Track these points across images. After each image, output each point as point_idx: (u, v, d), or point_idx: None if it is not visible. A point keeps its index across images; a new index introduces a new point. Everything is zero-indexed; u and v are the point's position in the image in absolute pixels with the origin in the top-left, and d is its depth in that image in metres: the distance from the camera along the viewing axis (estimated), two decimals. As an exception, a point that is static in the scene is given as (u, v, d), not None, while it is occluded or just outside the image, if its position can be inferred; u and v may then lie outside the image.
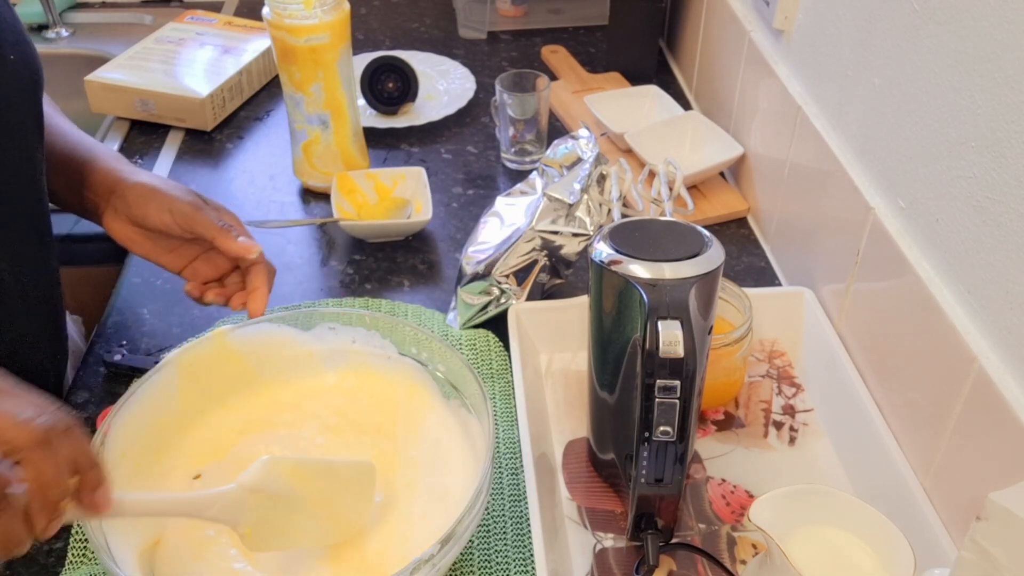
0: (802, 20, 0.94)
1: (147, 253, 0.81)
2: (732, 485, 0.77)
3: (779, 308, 0.89)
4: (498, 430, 0.81)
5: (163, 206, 0.78)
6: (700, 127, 1.15)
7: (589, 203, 0.87)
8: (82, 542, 0.72)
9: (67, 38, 1.49)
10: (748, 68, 1.07)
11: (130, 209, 0.79)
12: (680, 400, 0.61)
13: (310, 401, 0.77)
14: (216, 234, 0.77)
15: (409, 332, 0.76)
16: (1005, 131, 0.61)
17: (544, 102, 1.13)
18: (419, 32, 1.51)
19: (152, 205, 0.78)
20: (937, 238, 0.70)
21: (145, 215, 0.78)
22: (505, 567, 0.71)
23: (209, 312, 0.94)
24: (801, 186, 0.93)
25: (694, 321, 0.61)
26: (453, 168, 1.17)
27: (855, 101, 0.82)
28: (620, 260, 0.65)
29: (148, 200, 0.78)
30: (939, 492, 0.69)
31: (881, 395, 0.77)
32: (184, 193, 0.79)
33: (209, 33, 1.35)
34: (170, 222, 0.78)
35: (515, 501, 0.76)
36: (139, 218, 0.79)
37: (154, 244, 0.81)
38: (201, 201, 0.80)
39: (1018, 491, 0.47)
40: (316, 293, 0.97)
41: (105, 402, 0.84)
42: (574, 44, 1.46)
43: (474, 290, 0.89)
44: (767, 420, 0.83)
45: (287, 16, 0.98)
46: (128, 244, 0.81)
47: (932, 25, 0.69)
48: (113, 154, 0.84)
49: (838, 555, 0.62)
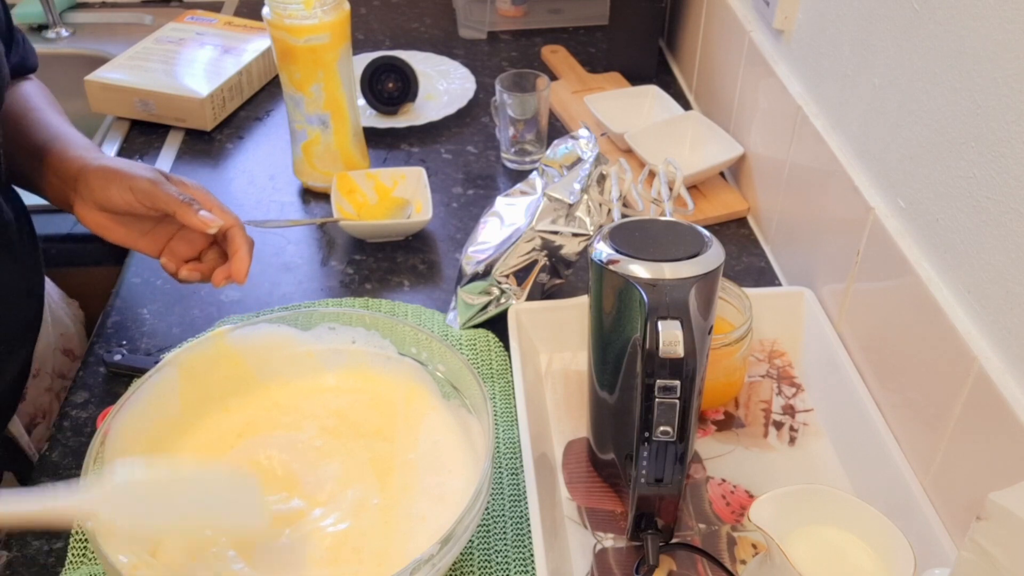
0: (802, 20, 0.94)
1: (121, 239, 0.81)
2: (732, 485, 0.77)
3: (779, 308, 0.89)
4: (498, 430, 0.81)
5: (124, 185, 0.77)
6: (700, 127, 1.15)
7: (589, 203, 0.87)
8: (82, 542, 0.72)
9: (67, 38, 1.49)
10: (748, 68, 1.07)
11: (94, 193, 0.78)
12: (680, 400, 0.61)
13: (310, 402, 0.77)
14: (177, 208, 0.76)
15: (409, 332, 0.76)
16: (1005, 131, 0.61)
17: (544, 102, 1.13)
18: (419, 32, 1.51)
19: (113, 186, 0.77)
20: (937, 238, 0.70)
21: (108, 197, 0.77)
22: (505, 567, 0.71)
23: (209, 312, 0.94)
24: (801, 186, 0.93)
25: (694, 321, 0.61)
26: (453, 168, 1.17)
27: (855, 101, 0.82)
28: (620, 260, 0.65)
29: (109, 181, 0.77)
30: (939, 492, 0.69)
31: (881, 395, 0.77)
32: (145, 171, 0.78)
33: (209, 33, 1.35)
34: (132, 200, 0.77)
35: (515, 501, 0.76)
36: (103, 201, 0.78)
37: (127, 229, 0.80)
38: (163, 177, 0.79)
39: (1018, 491, 0.47)
40: (316, 293, 0.97)
41: (105, 402, 0.84)
42: (574, 44, 1.46)
43: (474, 290, 0.89)
44: (767, 420, 0.83)
45: (287, 16, 0.98)
46: (100, 231, 0.80)
47: (932, 25, 0.69)
48: (83, 142, 0.84)
49: (838, 555, 0.62)
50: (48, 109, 0.86)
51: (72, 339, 1.00)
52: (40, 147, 0.82)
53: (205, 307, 0.95)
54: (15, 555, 0.72)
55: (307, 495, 0.69)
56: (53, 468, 0.78)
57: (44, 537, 0.73)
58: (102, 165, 0.79)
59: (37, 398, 0.92)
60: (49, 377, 0.94)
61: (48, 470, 0.78)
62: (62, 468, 0.78)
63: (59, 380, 0.96)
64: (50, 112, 0.86)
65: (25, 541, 0.73)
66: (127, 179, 0.77)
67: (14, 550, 0.72)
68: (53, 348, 0.96)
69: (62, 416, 0.83)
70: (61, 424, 0.82)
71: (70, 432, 0.82)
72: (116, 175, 0.77)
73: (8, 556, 0.72)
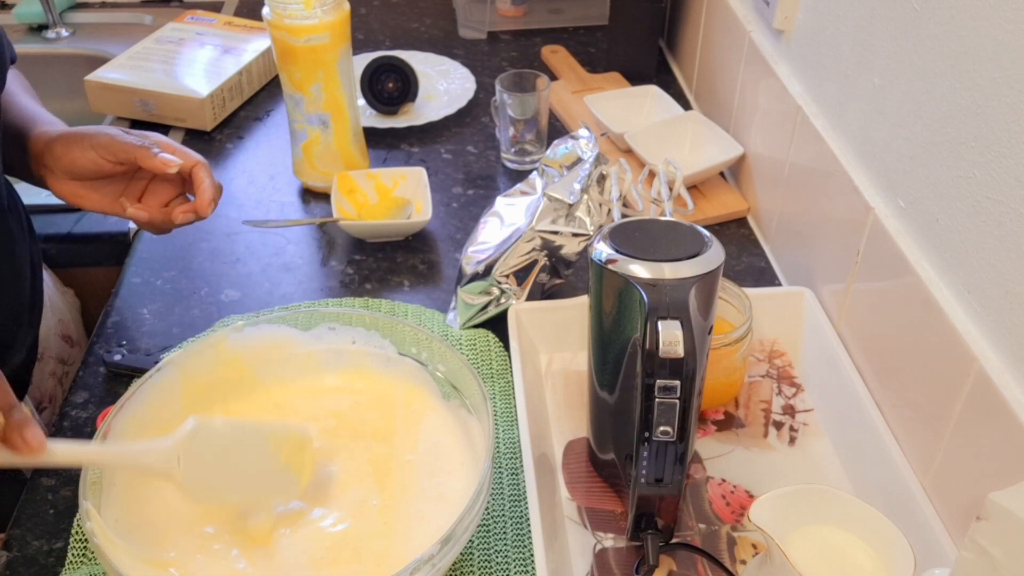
0: (802, 20, 0.94)
1: (97, 205, 0.81)
2: (732, 485, 0.77)
3: (779, 308, 0.89)
4: (498, 430, 0.81)
5: (85, 144, 0.78)
6: (700, 127, 1.15)
7: (589, 203, 0.87)
8: (82, 542, 0.72)
9: (67, 38, 1.49)
10: (748, 68, 1.07)
11: (60, 162, 0.78)
12: (680, 400, 0.61)
13: (310, 402, 0.77)
14: (136, 152, 0.77)
15: (409, 332, 0.76)
16: (1005, 131, 0.61)
17: (544, 102, 1.13)
18: (419, 32, 1.51)
19: (76, 149, 0.78)
20: (937, 238, 0.70)
21: (73, 161, 0.78)
22: (505, 567, 0.71)
23: (209, 312, 0.94)
24: (801, 186, 0.93)
25: (694, 321, 0.61)
26: (453, 168, 1.17)
27: (855, 101, 0.82)
28: (620, 260, 0.65)
29: (72, 145, 0.78)
30: (939, 492, 0.69)
31: (881, 395, 0.77)
32: (104, 128, 0.79)
33: (209, 33, 1.35)
34: (96, 158, 0.77)
35: (515, 501, 0.76)
36: (69, 167, 0.78)
37: (100, 194, 0.80)
38: (122, 131, 0.79)
39: (1018, 491, 0.47)
40: (316, 293, 0.98)
41: (105, 402, 0.84)
42: (574, 44, 1.46)
43: (474, 290, 0.89)
44: (767, 420, 0.83)
45: (287, 16, 0.98)
46: (76, 200, 0.80)
47: (932, 25, 0.69)
48: (49, 118, 0.84)
49: (838, 555, 0.62)
50: (23, 95, 0.87)
51: (69, 325, 1.00)
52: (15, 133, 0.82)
53: (205, 307, 0.95)
54: (15, 555, 0.72)
55: (307, 495, 0.69)
56: (53, 468, 0.78)
57: (44, 537, 0.73)
58: (62, 132, 0.79)
59: (42, 383, 0.93)
60: (52, 362, 0.95)
61: (48, 470, 0.78)
62: (62, 468, 0.78)
63: (61, 365, 0.96)
64: (25, 97, 0.87)
65: (25, 541, 0.73)
66: (88, 139, 0.78)
67: (14, 550, 0.72)
68: (53, 333, 0.97)
69: (62, 416, 0.83)
70: (61, 424, 0.82)
71: (70, 432, 0.82)
72: (76, 138, 0.78)
73: (8, 556, 0.72)
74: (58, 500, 0.76)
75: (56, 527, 0.74)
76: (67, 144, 0.78)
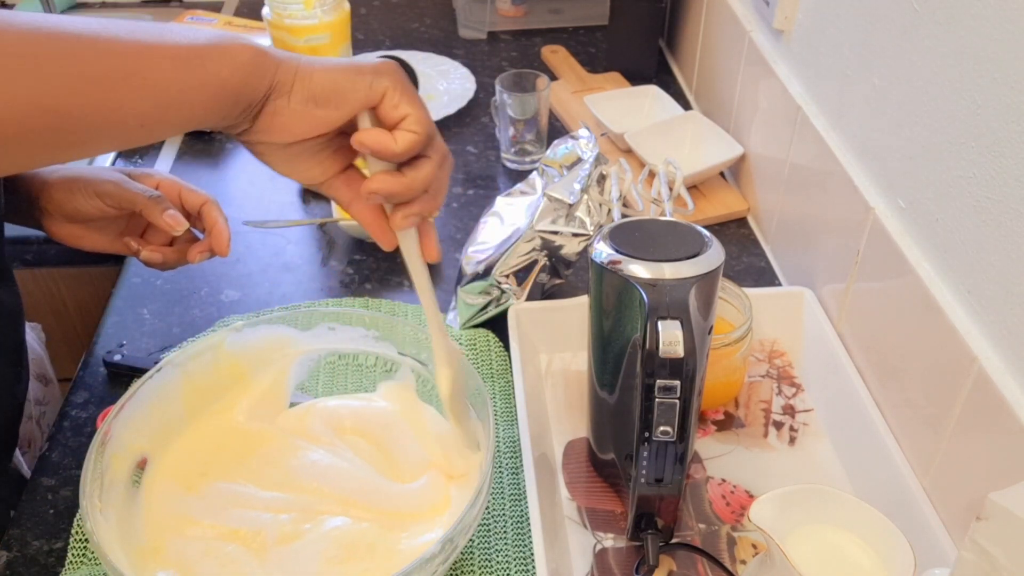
0: (802, 20, 0.94)
1: (97, 245, 0.78)
2: (732, 485, 0.77)
3: (779, 308, 0.89)
4: (498, 430, 0.81)
5: (88, 191, 0.75)
6: (700, 127, 1.15)
7: (589, 203, 0.87)
8: (82, 542, 0.72)
9: (67, 38, 1.48)
10: (748, 68, 1.07)
11: (61, 207, 0.76)
12: (680, 400, 0.61)
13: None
14: (143, 206, 0.74)
15: (409, 332, 0.76)
16: (1005, 131, 0.61)
17: (544, 102, 1.13)
18: (419, 32, 1.51)
19: (78, 195, 0.75)
20: (937, 238, 0.70)
21: (76, 207, 0.75)
22: (505, 567, 0.71)
23: (209, 312, 0.94)
24: (801, 186, 0.93)
25: (694, 321, 0.61)
26: (453, 168, 1.17)
27: (855, 101, 0.82)
28: (620, 260, 0.65)
29: (73, 191, 0.75)
30: (939, 492, 0.69)
31: (881, 395, 0.77)
32: (107, 173, 0.76)
33: (209, 33, 1.35)
34: (101, 205, 0.75)
35: (515, 501, 0.76)
36: (71, 212, 0.76)
37: (101, 234, 0.78)
38: (125, 176, 0.77)
39: (1018, 491, 0.47)
40: (316, 293, 0.97)
41: (105, 402, 0.84)
42: (574, 44, 1.46)
43: (474, 290, 0.89)
44: (767, 420, 0.83)
45: (287, 16, 0.98)
46: (75, 242, 0.78)
47: (932, 25, 0.69)
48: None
49: (838, 555, 0.62)
50: None
51: (42, 363, 0.97)
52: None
53: (205, 307, 0.95)
54: (15, 555, 0.72)
55: (308, 495, 0.69)
56: (53, 468, 0.78)
57: (44, 537, 0.73)
58: (63, 177, 0.76)
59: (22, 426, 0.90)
60: (30, 404, 0.91)
61: (48, 470, 0.78)
62: (62, 468, 0.78)
63: (38, 407, 0.94)
64: None
65: (25, 541, 0.73)
66: (91, 185, 0.75)
67: (14, 550, 0.72)
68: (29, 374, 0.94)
69: (62, 416, 0.83)
70: (61, 424, 0.82)
71: (70, 432, 0.82)
72: (79, 184, 0.75)
73: (8, 556, 0.72)
74: (58, 500, 0.76)
75: (56, 527, 0.74)
76: (69, 190, 0.75)
